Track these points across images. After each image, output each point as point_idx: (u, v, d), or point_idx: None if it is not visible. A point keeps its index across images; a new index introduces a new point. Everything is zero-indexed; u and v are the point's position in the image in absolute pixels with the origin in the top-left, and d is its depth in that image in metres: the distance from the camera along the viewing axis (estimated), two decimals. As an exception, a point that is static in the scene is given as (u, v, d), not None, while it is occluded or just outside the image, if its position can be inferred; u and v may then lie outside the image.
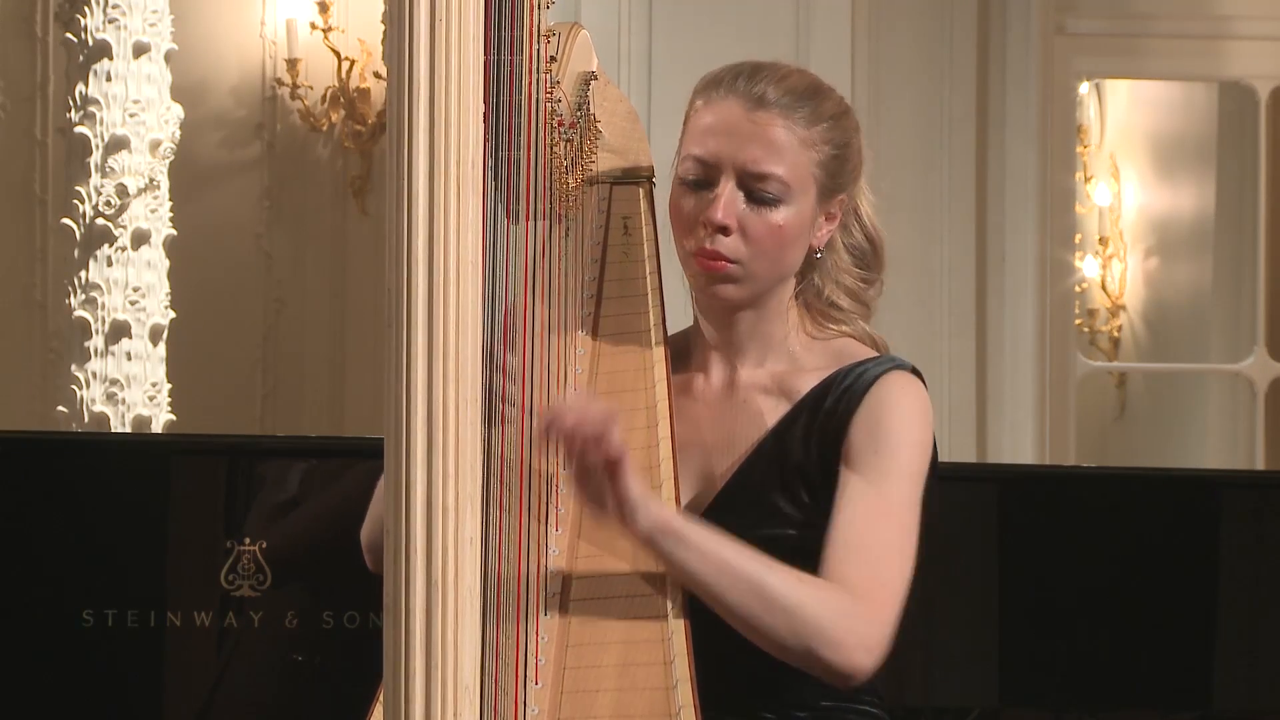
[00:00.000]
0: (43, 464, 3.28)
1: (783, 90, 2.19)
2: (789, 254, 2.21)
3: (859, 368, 2.20)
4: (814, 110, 2.20)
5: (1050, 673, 3.53)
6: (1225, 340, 6.44)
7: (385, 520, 1.52)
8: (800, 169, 2.19)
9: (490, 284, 1.84)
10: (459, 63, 1.50)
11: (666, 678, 1.93)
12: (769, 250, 2.19)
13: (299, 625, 3.22)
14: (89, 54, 4.93)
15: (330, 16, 6.18)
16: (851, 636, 2.05)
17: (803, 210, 2.20)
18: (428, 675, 1.50)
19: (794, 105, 2.19)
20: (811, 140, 2.19)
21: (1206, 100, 6.67)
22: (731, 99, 2.19)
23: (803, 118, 2.19)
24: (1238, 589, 3.60)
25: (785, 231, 2.19)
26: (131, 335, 4.91)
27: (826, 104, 2.22)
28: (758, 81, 2.20)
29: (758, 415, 2.22)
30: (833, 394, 2.19)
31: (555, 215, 2.19)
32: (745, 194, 2.18)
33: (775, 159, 2.17)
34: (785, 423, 2.20)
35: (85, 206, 4.92)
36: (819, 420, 2.18)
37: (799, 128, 2.19)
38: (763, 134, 2.18)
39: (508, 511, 1.94)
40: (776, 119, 2.18)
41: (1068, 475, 4.13)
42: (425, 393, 1.50)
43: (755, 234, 2.18)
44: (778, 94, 2.19)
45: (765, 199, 2.18)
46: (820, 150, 2.20)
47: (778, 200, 2.18)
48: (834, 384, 2.20)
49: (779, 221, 2.18)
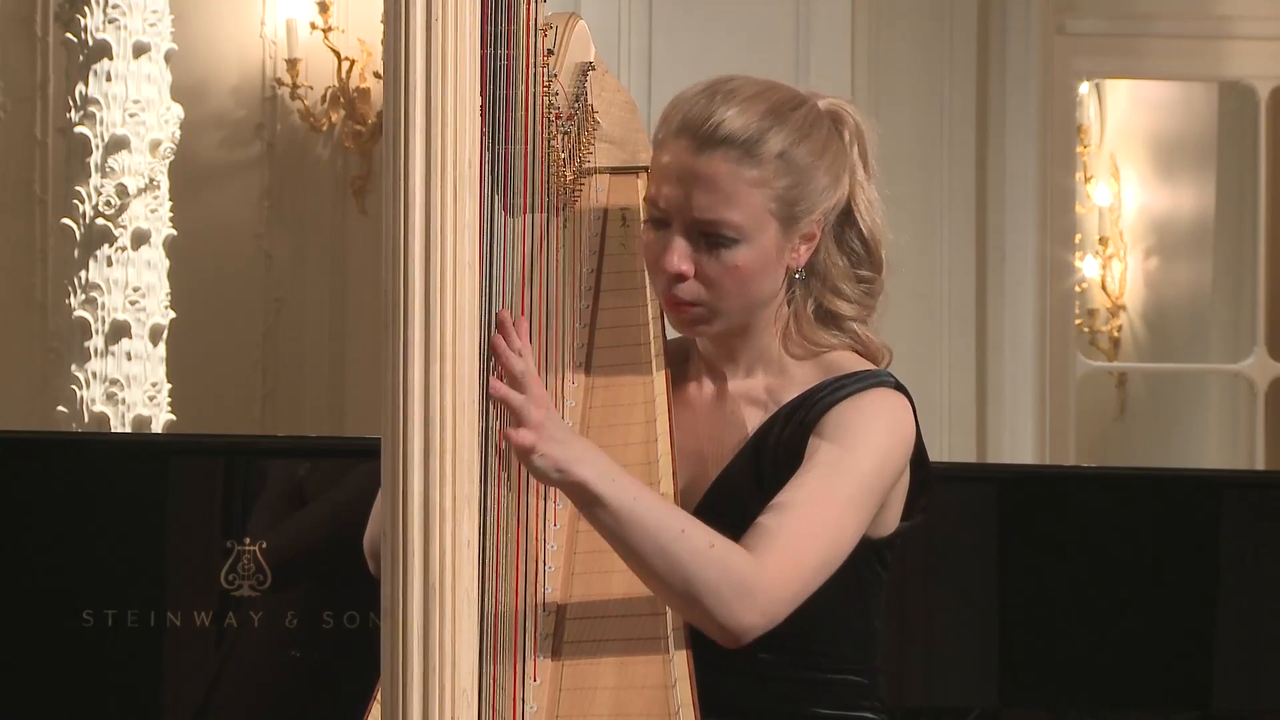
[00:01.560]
0: (43, 464, 3.28)
1: (733, 127, 2.13)
2: (755, 287, 2.17)
3: (842, 381, 2.18)
4: (763, 145, 2.13)
5: (1050, 673, 3.53)
6: (1225, 340, 6.44)
7: (383, 522, 1.51)
8: (753, 209, 2.14)
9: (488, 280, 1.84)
10: (455, 59, 1.50)
11: (665, 676, 1.93)
12: (730, 290, 2.16)
13: (299, 625, 3.22)
14: (89, 54, 4.93)
15: (330, 16, 6.17)
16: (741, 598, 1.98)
17: (764, 246, 2.15)
18: (425, 677, 1.50)
19: (742, 144, 2.12)
20: (763, 179, 2.14)
21: (1206, 100, 6.66)
22: (682, 139, 2.14)
23: (752, 157, 2.13)
24: (1238, 589, 3.60)
25: (744, 271, 2.15)
26: (131, 335, 4.91)
27: (779, 134, 2.15)
28: (709, 118, 2.13)
29: (740, 424, 2.22)
30: (808, 404, 2.17)
31: (553, 208, 2.19)
32: (699, 240, 2.15)
33: (724, 205, 2.13)
34: (762, 431, 2.19)
35: (85, 206, 4.92)
36: (789, 428, 2.16)
37: (747, 169, 2.13)
38: (709, 180, 2.12)
39: (505, 511, 1.94)
40: (722, 163, 2.12)
41: (1068, 475, 4.13)
42: (422, 394, 1.50)
43: (713, 277, 2.15)
44: (727, 132, 2.12)
45: (720, 241, 2.14)
46: (773, 186, 2.14)
47: (734, 240, 2.14)
48: (813, 395, 2.18)
49: (737, 263, 2.15)
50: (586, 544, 2.09)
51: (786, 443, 2.15)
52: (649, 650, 1.97)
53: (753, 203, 2.13)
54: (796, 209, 2.16)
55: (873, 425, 2.14)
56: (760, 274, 2.16)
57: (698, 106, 2.14)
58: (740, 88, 2.16)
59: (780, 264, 2.18)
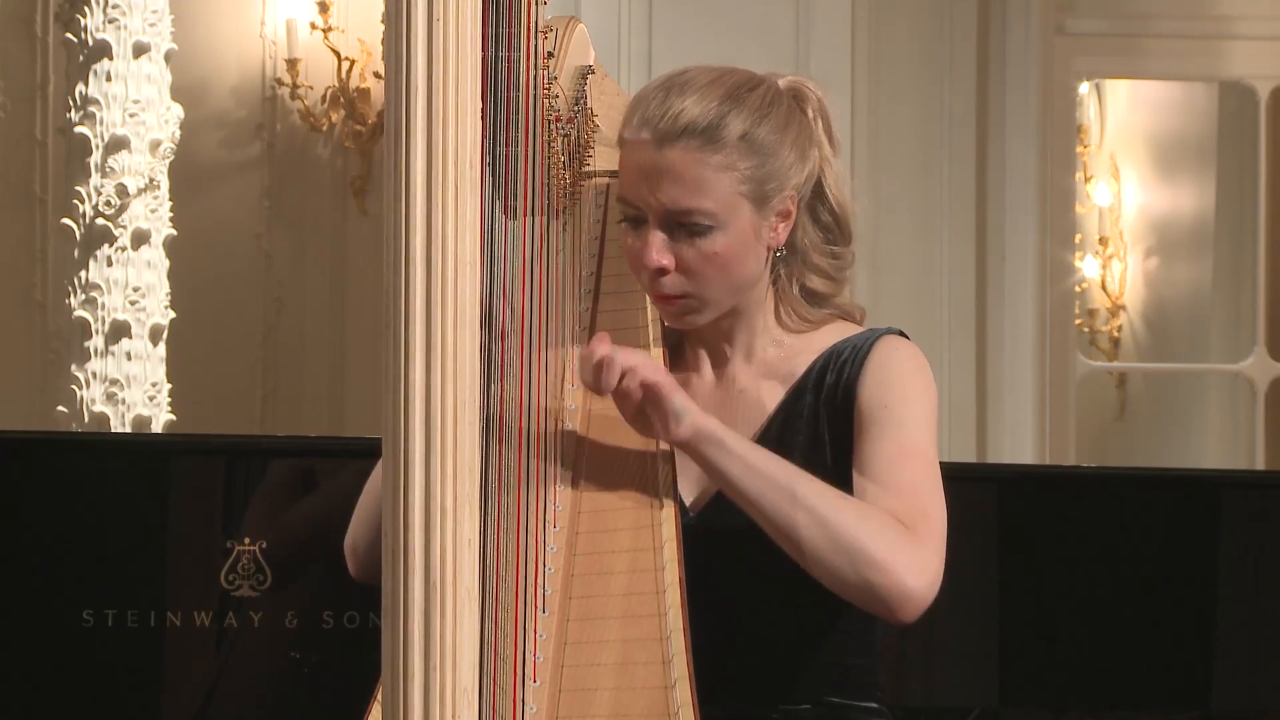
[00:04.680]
0: (43, 464, 3.28)
1: (691, 115, 2.14)
2: (738, 270, 2.19)
3: (851, 341, 2.22)
4: (723, 130, 2.15)
5: (1050, 673, 3.53)
6: (1225, 340, 6.44)
7: (384, 521, 1.51)
8: (723, 193, 2.15)
9: (488, 281, 1.84)
10: (457, 61, 1.50)
11: (665, 677, 1.93)
12: (714, 277, 2.18)
13: (299, 625, 3.22)
14: (89, 54, 4.93)
15: (330, 16, 6.18)
16: (901, 557, 2.02)
17: (740, 229, 2.17)
18: (426, 676, 1.50)
19: (702, 133, 2.14)
20: (727, 163, 2.15)
21: (1206, 100, 6.67)
22: (643, 135, 2.16)
23: (714, 143, 2.14)
24: (1238, 589, 3.60)
25: (724, 255, 2.17)
26: (131, 335, 4.91)
27: (739, 116, 2.16)
28: (666, 111, 2.15)
29: (756, 403, 2.23)
30: (833, 368, 2.20)
31: (553, 210, 2.19)
32: (675, 230, 2.16)
33: (694, 194, 2.15)
34: (787, 403, 2.22)
35: (85, 206, 4.92)
36: (824, 394, 2.19)
37: (710, 155, 2.14)
38: (675, 172, 2.14)
39: (506, 512, 1.94)
40: (684, 154, 2.14)
41: (1068, 475, 4.13)
42: (423, 394, 1.50)
43: (694, 266, 2.17)
44: (685, 121, 2.14)
45: (696, 230, 2.16)
46: (739, 169, 2.16)
47: (709, 228, 2.16)
48: (832, 359, 2.21)
49: (715, 249, 2.16)
50: (586, 545, 2.09)
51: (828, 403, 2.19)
52: (649, 651, 1.97)
53: (722, 187, 2.15)
54: (766, 188, 2.18)
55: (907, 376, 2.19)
56: (741, 257, 2.18)
57: (654, 102, 2.16)
58: (695, 77, 2.18)
59: (760, 244, 2.20)
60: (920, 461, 2.12)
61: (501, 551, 1.91)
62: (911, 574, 2.02)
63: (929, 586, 2.04)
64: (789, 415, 2.21)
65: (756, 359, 2.26)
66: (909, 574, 2.02)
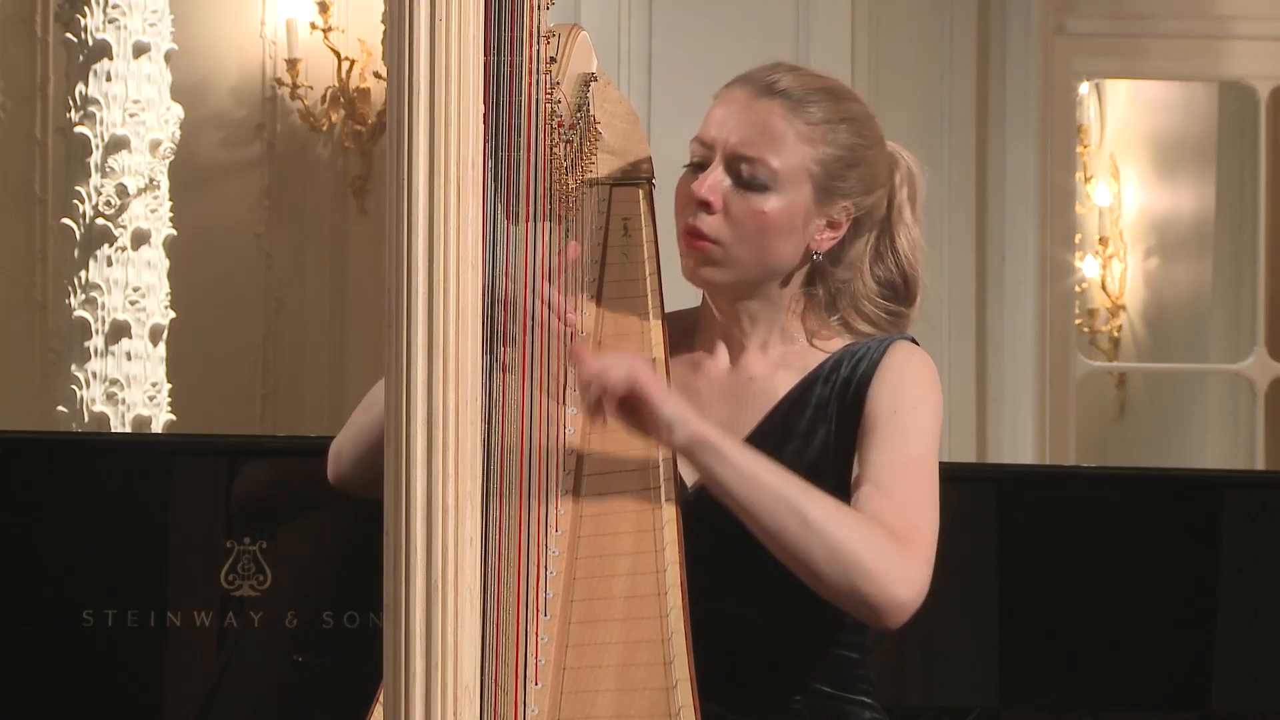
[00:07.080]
0: (43, 464, 3.28)
1: (795, 84, 2.21)
2: (774, 244, 2.21)
3: (868, 342, 2.25)
4: (822, 108, 2.21)
5: (1050, 673, 3.53)
6: (1225, 340, 6.44)
7: (385, 520, 1.52)
8: (793, 160, 2.19)
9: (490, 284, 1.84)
10: (459, 63, 1.50)
11: (666, 678, 1.93)
12: (750, 235, 2.20)
13: (299, 625, 3.22)
14: (89, 54, 4.93)
15: (330, 16, 6.18)
16: (891, 569, 2.04)
17: (793, 203, 2.20)
18: (428, 675, 1.50)
19: (801, 98, 2.20)
20: (812, 136, 2.20)
21: (1206, 100, 6.67)
22: (743, 88, 2.22)
23: (807, 112, 2.20)
24: (1238, 589, 3.60)
25: (769, 219, 2.19)
26: (131, 335, 4.91)
27: (841, 107, 2.23)
28: (776, 75, 2.22)
29: (766, 390, 2.25)
30: (847, 363, 2.23)
31: (555, 216, 2.19)
32: (735, 177, 2.20)
33: (766, 145, 2.19)
34: (797, 390, 2.23)
35: (85, 206, 4.92)
36: (837, 386, 2.21)
37: (799, 121, 2.19)
38: (759, 120, 2.19)
39: (508, 511, 1.94)
40: (777, 108, 2.19)
41: (1068, 475, 4.13)
42: (425, 392, 1.50)
43: (738, 216, 2.19)
44: (787, 85, 2.20)
45: (753, 184, 2.19)
46: (820, 149, 2.20)
47: (765, 186, 2.19)
48: (846, 356, 2.24)
49: (764, 208, 2.19)
50: (588, 548, 2.10)
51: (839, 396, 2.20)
52: (650, 653, 1.97)
53: (795, 155, 2.19)
54: (833, 183, 2.21)
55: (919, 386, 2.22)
56: (782, 231, 2.21)
57: (760, 69, 2.23)
58: (808, 70, 2.26)
59: (803, 234, 2.22)
60: (920, 472, 2.15)
61: (503, 555, 1.91)
62: (901, 585, 2.05)
63: (916, 597, 2.06)
64: (798, 401, 2.23)
65: (772, 352, 2.28)
66: (899, 585, 2.05)
